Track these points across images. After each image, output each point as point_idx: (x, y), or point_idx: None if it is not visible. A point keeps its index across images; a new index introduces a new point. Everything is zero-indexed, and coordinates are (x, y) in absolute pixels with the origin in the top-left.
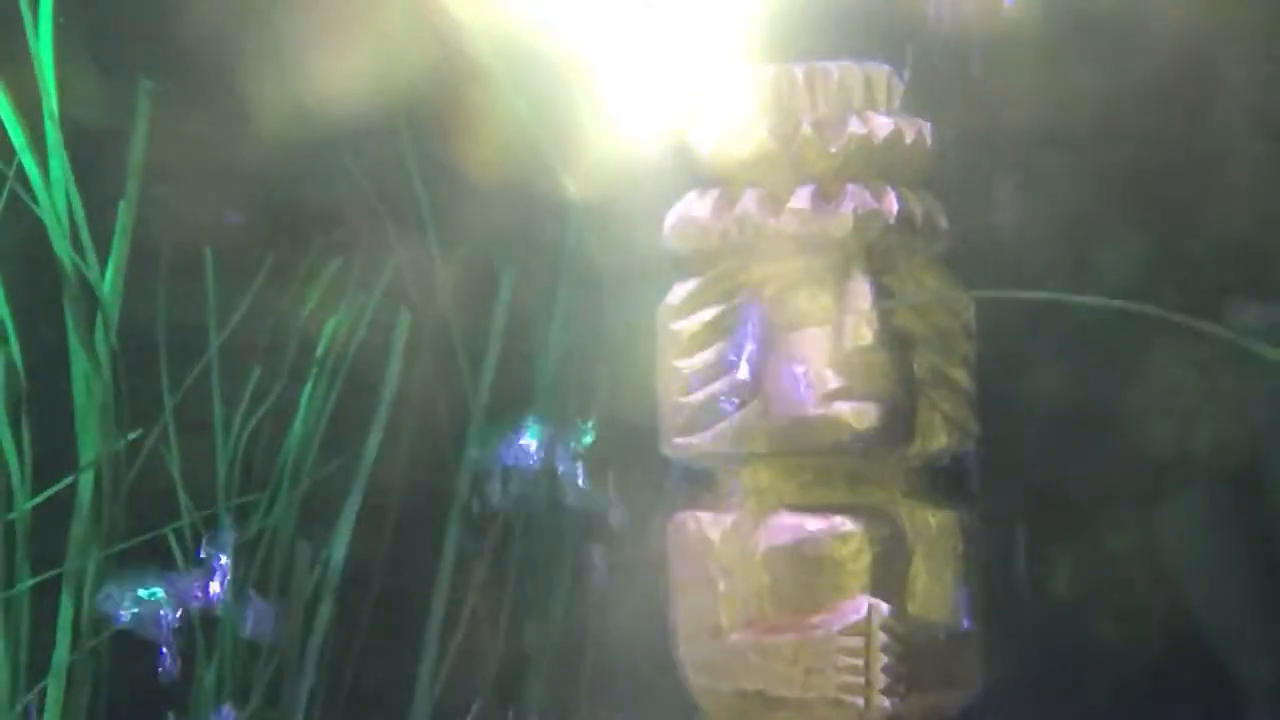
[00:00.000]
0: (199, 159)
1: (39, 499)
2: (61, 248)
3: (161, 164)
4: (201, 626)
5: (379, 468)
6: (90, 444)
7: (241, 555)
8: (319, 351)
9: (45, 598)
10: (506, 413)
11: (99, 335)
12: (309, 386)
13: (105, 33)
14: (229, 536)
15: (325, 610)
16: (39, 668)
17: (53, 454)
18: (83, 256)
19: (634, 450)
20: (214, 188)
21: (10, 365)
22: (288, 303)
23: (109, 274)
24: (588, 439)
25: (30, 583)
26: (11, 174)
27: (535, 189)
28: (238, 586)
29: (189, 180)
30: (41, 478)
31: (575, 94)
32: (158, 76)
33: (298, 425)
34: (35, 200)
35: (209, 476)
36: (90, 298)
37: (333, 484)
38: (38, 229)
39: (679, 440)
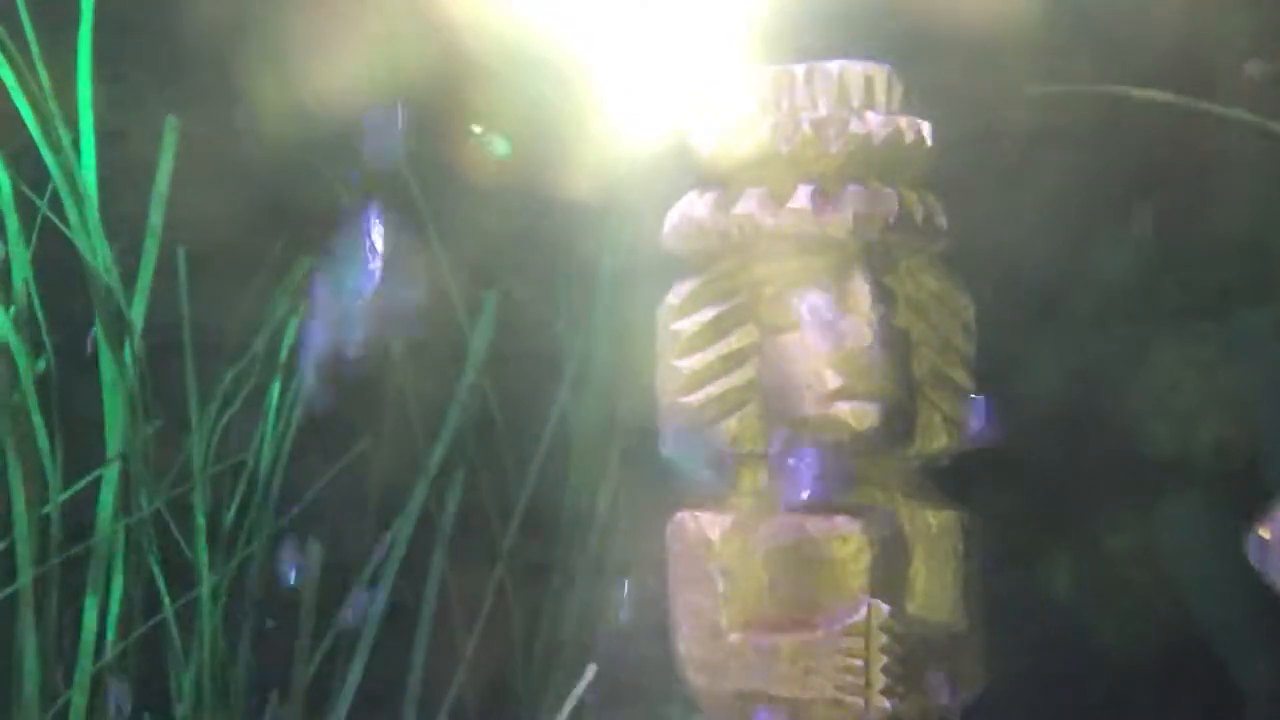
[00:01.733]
0: (196, 158)
1: (70, 492)
2: (91, 256)
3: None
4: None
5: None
6: (117, 439)
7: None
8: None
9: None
10: (510, 411)
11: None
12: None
13: (104, 28)
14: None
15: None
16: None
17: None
18: (106, 251)
19: (634, 450)
20: (212, 187)
21: (43, 362)
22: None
23: (136, 298)
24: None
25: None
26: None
27: (535, 189)
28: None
29: (186, 179)
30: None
31: (575, 93)
32: (155, 74)
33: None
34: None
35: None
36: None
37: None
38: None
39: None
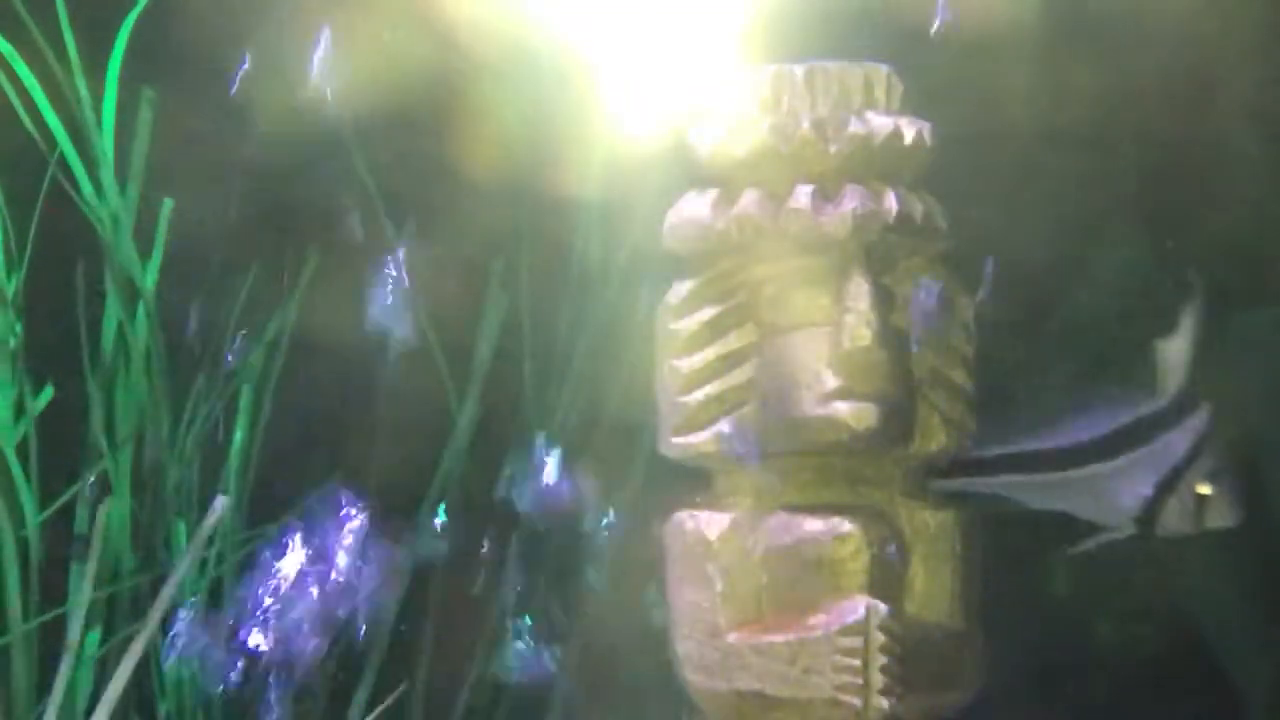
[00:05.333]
0: (198, 157)
1: (59, 501)
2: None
3: (161, 163)
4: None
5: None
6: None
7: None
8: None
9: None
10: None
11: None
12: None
13: (104, 27)
14: None
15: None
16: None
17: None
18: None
19: (633, 450)
20: (216, 186)
21: (20, 386)
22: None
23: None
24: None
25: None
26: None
27: (535, 188)
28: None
29: (188, 178)
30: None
31: (575, 93)
32: (155, 73)
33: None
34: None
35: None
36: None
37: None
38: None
39: (678, 440)
